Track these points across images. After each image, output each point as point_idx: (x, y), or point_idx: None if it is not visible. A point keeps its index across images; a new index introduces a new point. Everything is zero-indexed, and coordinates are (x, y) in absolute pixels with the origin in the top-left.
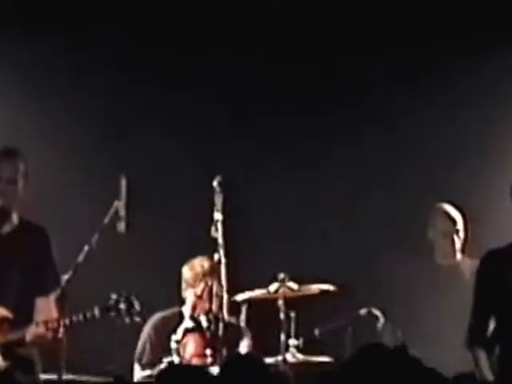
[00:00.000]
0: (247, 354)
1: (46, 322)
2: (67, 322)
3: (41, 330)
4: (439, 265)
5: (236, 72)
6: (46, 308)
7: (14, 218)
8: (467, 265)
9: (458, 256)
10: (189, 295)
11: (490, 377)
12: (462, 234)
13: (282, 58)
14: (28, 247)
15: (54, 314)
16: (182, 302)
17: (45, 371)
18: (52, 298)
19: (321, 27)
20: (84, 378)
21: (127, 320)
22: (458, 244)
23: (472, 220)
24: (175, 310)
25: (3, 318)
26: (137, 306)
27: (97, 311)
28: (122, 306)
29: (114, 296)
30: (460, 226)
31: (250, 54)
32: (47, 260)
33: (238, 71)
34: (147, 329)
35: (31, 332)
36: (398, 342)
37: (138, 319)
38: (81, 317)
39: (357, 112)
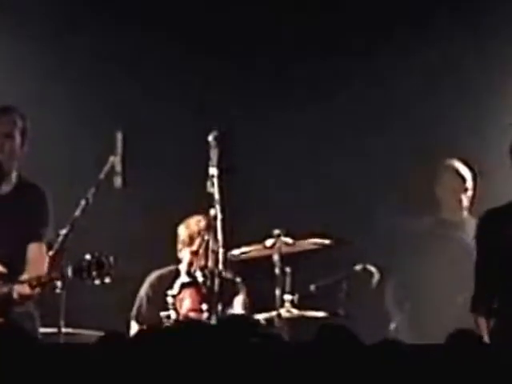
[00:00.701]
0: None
1: (29, 281)
2: (47, 279)
3: (26, 289)
4: (444, 220)
5: (232, 22)
6: (37, 255)
7: (13, 177)
8: (471, 224)
9: (465, 214)
10: (185, 254)
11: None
12: (470, 192)
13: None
14: (26, 208)
15: (44, 264)
16: (178, 261)
17: (44, 325)
18: (44, 246)
19: None
20: (82, 331)
21: (97, 282)
22: (466, 202)
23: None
24: (172, 267)
25: None
26: (107, 266)
27: (70, 271)
28: (93, 267)
29: (87, 257)
30: (469, 184)
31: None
32: (44, 219)
33: (235, 20)
34: (144, 287)
35: (17, 291)
36: (400, 298)
37: (107, 280)
38: (58, 275)
39: (359, 60)
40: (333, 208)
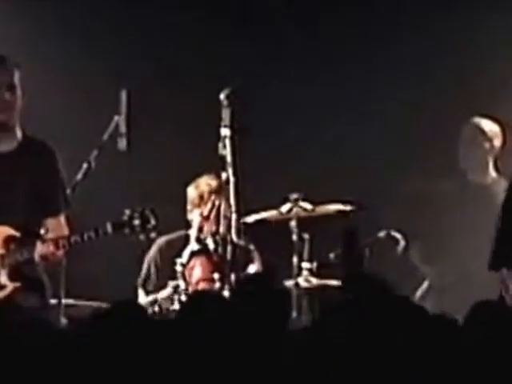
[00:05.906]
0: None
1: (55, 240)
2: (78, 238)
3: (50, 247)
4: (471, 183)
5: None
6: (58, 227)
7: (18, 133)
8: (501, 185)
9: (493, 175)
10: (195, 217)
11: None
12: (498, 151)
13: None
14: (34, 165)
15: (66, 232)
16: (188, 225)
17: None
18: (63, 217)
19: None
20: (84, 303)
21: (142, 237)
22: (494, 162)
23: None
24: (181, 233)
25: (10, 236)
26: (152, 220)
27: (109, 227)
28: (137, 221)
29: (127, 211)
30: (497, 142)
31: None
32: (55, 178)
33: None
34: (152, 253)
35: (39, 250)
36: (426, 262)
37: (153, 235)
38: (92, 233)
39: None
40: (354, 172)
